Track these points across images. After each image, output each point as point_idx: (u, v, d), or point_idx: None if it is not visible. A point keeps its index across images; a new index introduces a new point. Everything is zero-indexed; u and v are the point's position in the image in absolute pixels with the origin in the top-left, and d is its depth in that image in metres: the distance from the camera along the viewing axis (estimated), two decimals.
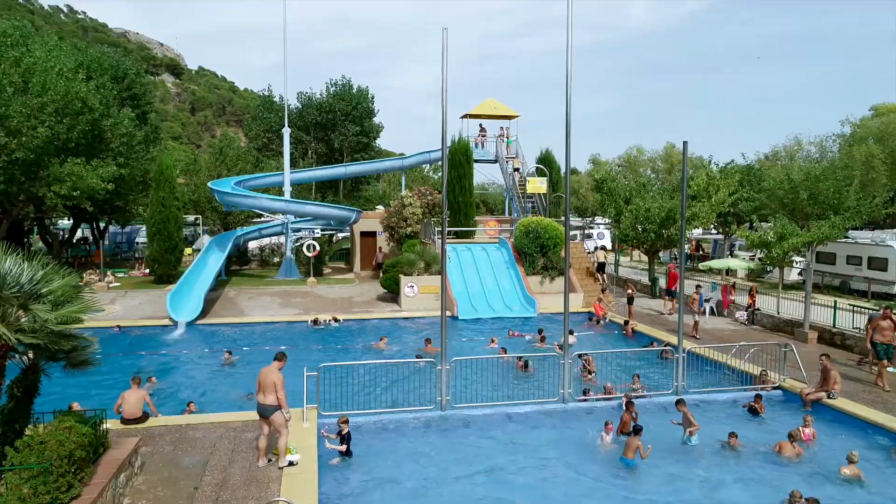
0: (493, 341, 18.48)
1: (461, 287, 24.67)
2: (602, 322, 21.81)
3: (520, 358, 15.65)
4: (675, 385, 13.42)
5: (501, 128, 34.69)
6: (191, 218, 42.23)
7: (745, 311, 21.44)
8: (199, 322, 21.18)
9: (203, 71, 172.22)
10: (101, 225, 39.23)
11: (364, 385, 12.97)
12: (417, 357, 15.63)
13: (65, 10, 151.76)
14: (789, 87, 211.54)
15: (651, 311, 23.60)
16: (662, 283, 26.22)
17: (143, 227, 34.87)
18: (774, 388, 13.86)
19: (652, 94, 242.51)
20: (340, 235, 40.63)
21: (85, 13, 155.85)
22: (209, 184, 29.92)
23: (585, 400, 13.09)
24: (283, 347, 18.19)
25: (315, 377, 11.72)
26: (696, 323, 19.59)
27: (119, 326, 20.07)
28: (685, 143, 13.15)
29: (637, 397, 13.03)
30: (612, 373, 14.67)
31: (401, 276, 24.51)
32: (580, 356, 15.22)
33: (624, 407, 12.00)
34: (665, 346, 17.21)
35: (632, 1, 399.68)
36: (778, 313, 20.51)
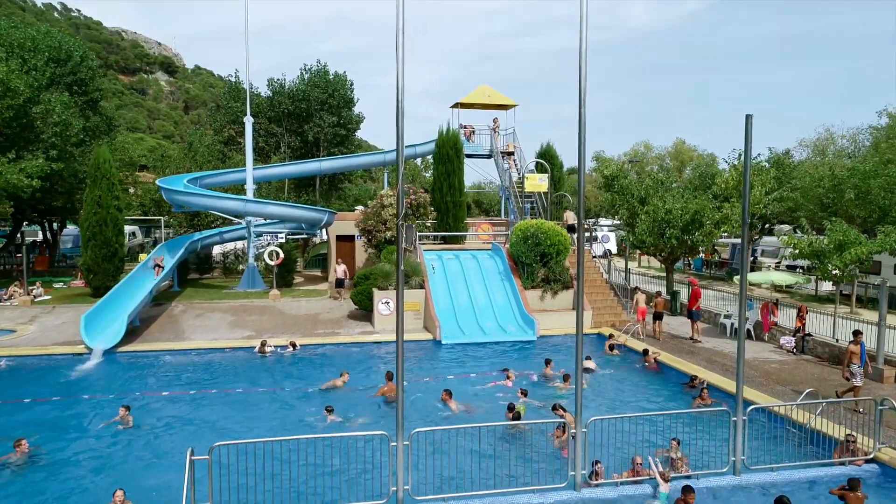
0: (508, 378, 14.68)
1: (446, 303, 20.68)
2: (616, 348, 17.89)
3: (510, 409, 11.72)
4: (732, 460, 9.46)
5: (495, 119, 30.59)
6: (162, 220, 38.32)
7: (793, 335, 17.45)
8: (121, 349, 17.23)
9: (199, 70, 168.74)
10: (55, 227, 35.38)
11: (285, 466, 8.83)
12: (327, 410, 12.04)
13: (58, 7, 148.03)
14: (789, 87, 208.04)
15: (675, 335, 19.67)
16: (684, 296, 22.33)
17: None
18: (868, 462, 9.92)
19: (652, 94, 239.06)
20: (326, 236, 36.50)
21: (79, 11, 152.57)
22: (157, 181, 25.90)
23: (601, 484, 9.12)
24: (212, 392, 14.32)
25: (206, 462, 7.82)
26: (855, 389, 12.35)
27: None
28: (748, 116, 9.17)
29: (680, 477, 9.11)
30: (628, 437, 10.28)
31: (374, 290, 20.56)
32: (555, 409, 11.60)
33: (665, 488, 8.36)
34: (705, 387, 13.23)
35: (632, 1, 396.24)
36: (836, 340, 16.50)
